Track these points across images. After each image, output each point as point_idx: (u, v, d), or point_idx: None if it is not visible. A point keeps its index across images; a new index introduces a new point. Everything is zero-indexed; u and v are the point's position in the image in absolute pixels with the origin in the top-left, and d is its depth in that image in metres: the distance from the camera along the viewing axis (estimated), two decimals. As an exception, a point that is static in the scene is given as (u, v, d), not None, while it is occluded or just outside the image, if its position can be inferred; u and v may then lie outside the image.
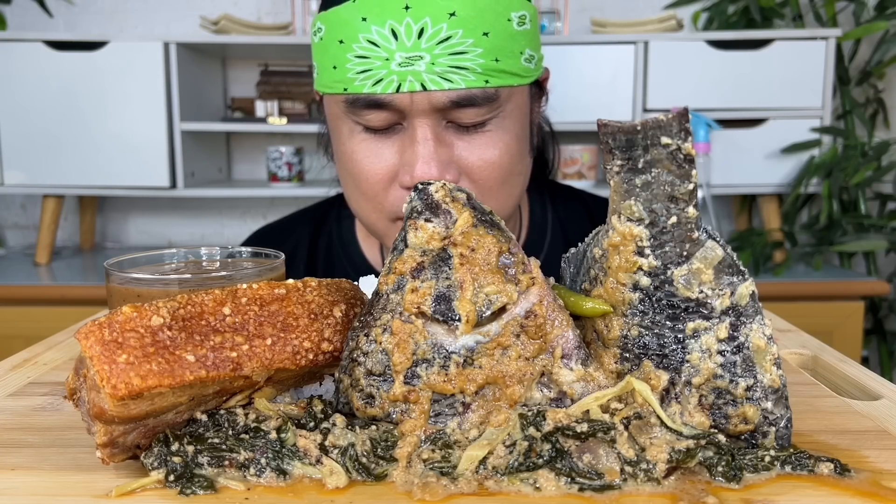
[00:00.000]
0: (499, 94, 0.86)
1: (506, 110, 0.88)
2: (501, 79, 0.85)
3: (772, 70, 2.34)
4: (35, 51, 2.28)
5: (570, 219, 1.13)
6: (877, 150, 2.42)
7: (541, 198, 1.13)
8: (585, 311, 0.52)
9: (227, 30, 2.41)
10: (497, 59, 0.84)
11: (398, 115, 0.86)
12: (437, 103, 0.84)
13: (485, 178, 0.88)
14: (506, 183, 0.90)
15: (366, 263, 1.08)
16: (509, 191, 0.92)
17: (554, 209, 1.13)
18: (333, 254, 1.11)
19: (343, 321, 0.54)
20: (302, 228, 1.14)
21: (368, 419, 0.51)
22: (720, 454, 0.48)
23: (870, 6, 2.56)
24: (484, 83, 0.84)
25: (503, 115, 0.88)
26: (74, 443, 0.54)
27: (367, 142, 0.89)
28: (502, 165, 0.89)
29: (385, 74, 0.83)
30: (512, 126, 0.90)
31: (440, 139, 0.86)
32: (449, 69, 0.82)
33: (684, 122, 0.49)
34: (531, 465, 0.47)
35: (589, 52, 2.34)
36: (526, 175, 0.97)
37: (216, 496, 0.45)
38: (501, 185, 0.90)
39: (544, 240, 1.10)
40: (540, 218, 1.11)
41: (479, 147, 0.87)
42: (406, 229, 0.52)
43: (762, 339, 0.50)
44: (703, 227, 0.51)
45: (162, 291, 0.62)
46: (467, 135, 0.87)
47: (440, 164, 0.85)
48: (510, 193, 0.93)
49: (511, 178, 0.91)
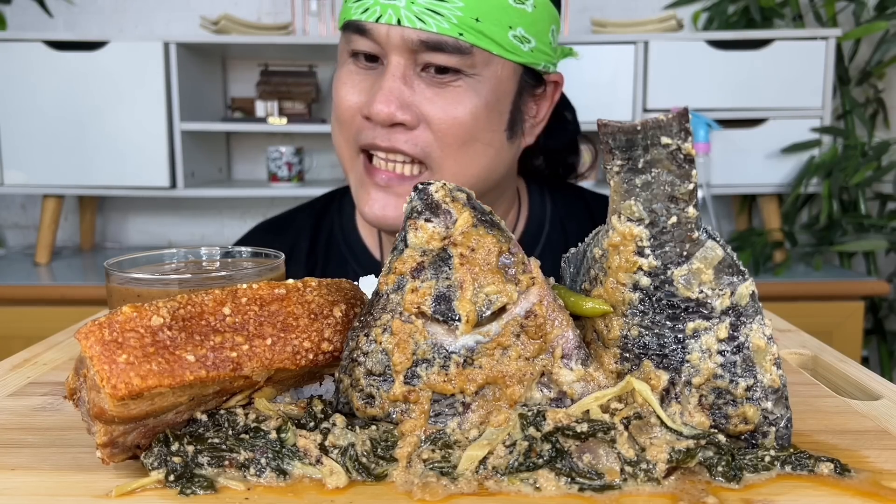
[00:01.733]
0: (472, 52, 0.89)
1: (482, 75, 0.91)
2: (477, 39, 0.89)
3: (772, 70, 2.34)
4: (35, 51, 2.28)
5: (569, 213, 1.14)
6: (877, 150, 2.42)
7: (540, 191, 1.15)
8: (585, 311, 0.52)
9: (227, 30, 2.41)
10: (477, 19, 0.88)
11: (377, 48, 0.91)
12: (407, 40, 0.89)
13: (444, 132, 0.91)
14: (466, 146, 0.93)
15: (366, 252, 1.10)
16: (471, 157, 0.94)
17: (553, 203, 1.14)
18: (334, 242, 1.13)
19: (343, 321, 0.54)
20: (303, 219, 1.17)
21: (368, 419, 0.51)
22: (720, 454, 0.48)
23: (870, 6, 2.56)
24: (457, 34, 0.88)
25: (478, 79, 0.91)
26: (74, 443, 0.54)
27: (352, 74, 0.95)
28: (464, 124, 0.91)
29: (371, 4, 0.89)
30: (484, 92, 0.92)
31: (408, 81, 0.91)
32: (426, 11, 0.87)
33: (684, 122, 0.49)
34: (531, 465, 0.47)
35: (589, 52, 2.34)
36: (498, 156, 0.97)
37: (216, 496, 0.45)
38: (461, 145, 0.92)
39: (542, 232, 1.11)
40: (539, 210, 1.12)
41: (445, 99, 0.91)
42: (406, 229, 0.52)
43: (762, 339, 0.50)
44: (703, 227, 0.51)
45: (162, 291, 0.62)
46: (437, 87, 0.91)
47: (400, 103, 0.89)
48: (473, 160, 0.94)
49: (473, 143, 0.93)
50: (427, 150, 0.92)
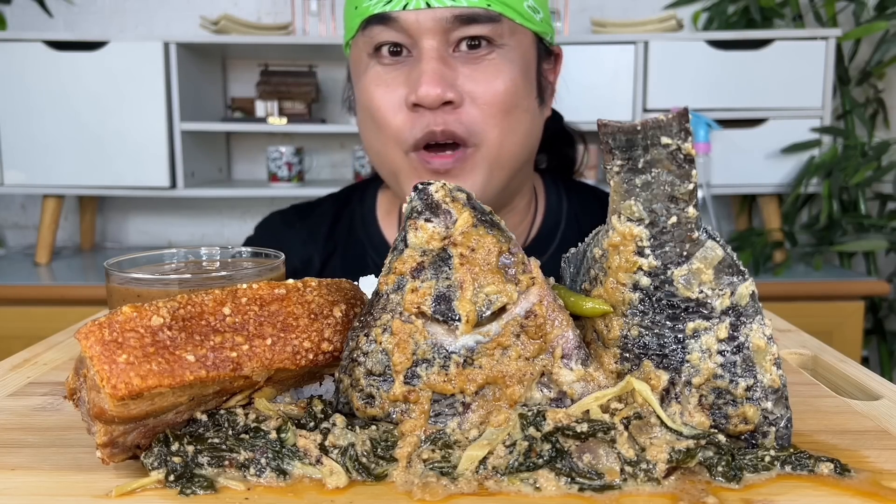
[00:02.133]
0: (501, 19, 0.91)
1: (509, 44, 0.93)
2: (502, 8, 0.91)
3: (772, 70, 2.34)
4: (35, 51, 2.28)
5: (584, 211, 1.15)
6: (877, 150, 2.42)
7: (556, 188, 1.16)
8: (585, 311, 0.52)
9: (227, 30, 2.41)
10: None
11: (406, 38, 0.91)
12: (440, 19, 0.89)
13: (489, 104, 0.92)
14: (509, 115, 0.93)
15: (384, 242, 1.11)
16: (513, 126, 0.95)
17: (569, 200, 1.15)
18: (354, 229, 1.14)
19: (343, 321, 0.54)
20: (327, 206, 1.18)
21: (368, 419, 0.51)
22: (720, 454, 0.48)
23: (870, 6, 2.56)
24: (486, 5, 0.89)
25: (507, 48, 0.93)
26: (74, 443, 0.54)
27: (380, 74, 0.94)
28: (507, 92, 0.92)
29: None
30: (517, 60, 0.94)
31: (445, 62, 0.91)
32: None
33: (684, 122, 0.49)
34: (531, 465, 0.47)
35: (589, 52, 2.34)
36: (533, 123, 0.99)
37: (216, 496, 0.45)
38: (505, 115, 0.93)
39: (558, 228, 1.12)
40: (556, 206, 1.14)
41: (484, 73, 0.92)
42: (406, 229, 0.52)
43: (762, 339, 0.50)
44: (703, 227, 0.51)
45: (162, 291, 0.62)
46: (472, 63, 0.92)
47: (444, 83, 0.89)
48: (516, 128, 0.95)
49: (515, 111, 0.94)
50: (472, 127, 0.92)
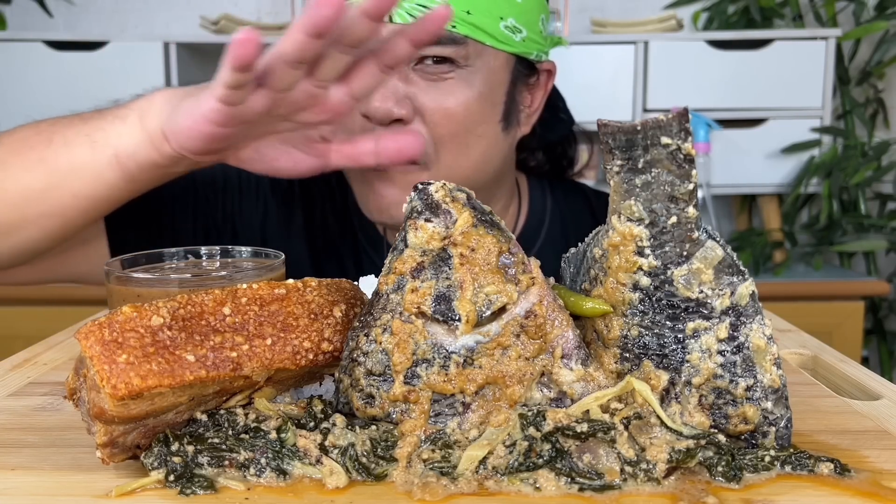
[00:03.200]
0: (466, 42, 0.88)
1: (474, 66, 0.91)
2: (469, 30, 0.88)
3: (772, 70, 2.34)
4: (35, 51, 2.28)
5: (570, 209, 1.14)
6: (877, 150, 2.42)
7: (541, 186, 1.15)
8: (585, 311, 0.52)
9: (227, 30, 2.41)
10: (468, 12, 0.87)
11: None
12: None
13: (436, 123, 0.90)
14: (460, 137, 0.92)
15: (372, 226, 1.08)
16: (465, 149, 0.93)
17: (554, 198, 1.14)
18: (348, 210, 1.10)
19: (343, 321, 0.54)
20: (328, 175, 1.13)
21: (368, 419, 0.51)
22: (720, 454, 0.48)
23: (870, 6, 2.56)
24: (450, 27, 0.87)
25: (470, 70, 0.91)
26: (74, 443, 0.54)
27: None
28: (456, 116, 0.90)
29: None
30: (477, 84, 0.91)
31: (403, 75, 0.89)
32: (416, 6, 0.86)
33: (684, 122, 0.49)
34: (531, 465, 0.47)
35: (589, 52, 2.34)
36: (492, 147, 0.97)
37: (216, 496, 0.45)
38: (454, 136, 0.91)
39: (542, 227, 1.11)
40: (539, 205, 1.13)
41: (438, 91, 0.90)
42: (406, 229, 0.52)
43: (762, 339, 0.50)
44: (703, 227, 0.51)
45: (162, 291, 0.62)
46: (431, 80, 0.90)
47: (395, 98, 0.88)
48: (467, 152, 0.93)
49: (468, 135, 0.92)
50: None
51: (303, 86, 0.73)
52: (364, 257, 1.08)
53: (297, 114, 0.76)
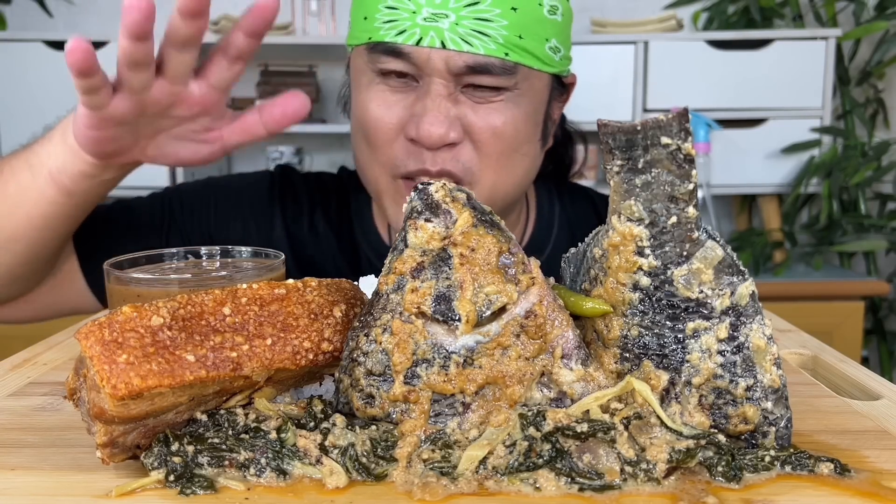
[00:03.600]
0: (517, 70, 0.88)
1: (521, 89, 0.90)
2: (521, 56, 0.87)
3: (772, 70, 2.34)
4: (35, 51, 2.28)
5: (576, 214, 1.14)
6: (877, 150, 2.42)
7: (548, 193, 1.15)
8: (585, 311, 0.52)
9: (227, 30, 2.41)
10: (521, 37, 0.86)
11: (415, 69, 0.88)
12: (453, 65, 0.86)
13: (485, 143, 0.90)
14: (507, 157, 0.91)
15: (377, 236, 1.08)
16: (510, 168, 0.93)
17: (561, 204, 1.14)
18: (345, 219, 1.11)
19: (343, 321, 0.54)
20: (330, 179, 1.15)
21: (368, 419, 0.51)
22: (720, 454, 0.48)
23: (870, 6, 2.56)
24: (504, 55, 0.86)
25: (518, 93, 0.90)
26: (74, 443, 0.54)
27: (383, 93, 0.91)
28: (505, 135, 0.90)
29: (409, 26, 0.85)
30: (525, 105, 0.91)
31: (453, 98, 0.88)
32: (472, 32, 0.84)
33: (684, 122, 0.49)
34: (531, 465, 0.47)
35: (589, 52, 2.34)
36: (533, 164, 0.98)
37: (216, 496, 0.45)
38: (501, 156, 0.91)
39: (551, 234, 1.11)
40: (547, 212, 1.13)
41: (488, 112, 0.89)
42: (406, 229, 0.52)
43: (762, 339, 0.50)
44: (703, 227, 0.51)
45: (162, 291, 0.62)
46: (479, 102, 0.89)
47: (447, 123, 0.87)
48: (511, 171, 0.93)
49: (514, 154, 0.92)
50: (468, 166, 0.90)
51: (160, 86, 0.75)
52: (366, 266, 1.07)
53: (169, 111, 0.78)
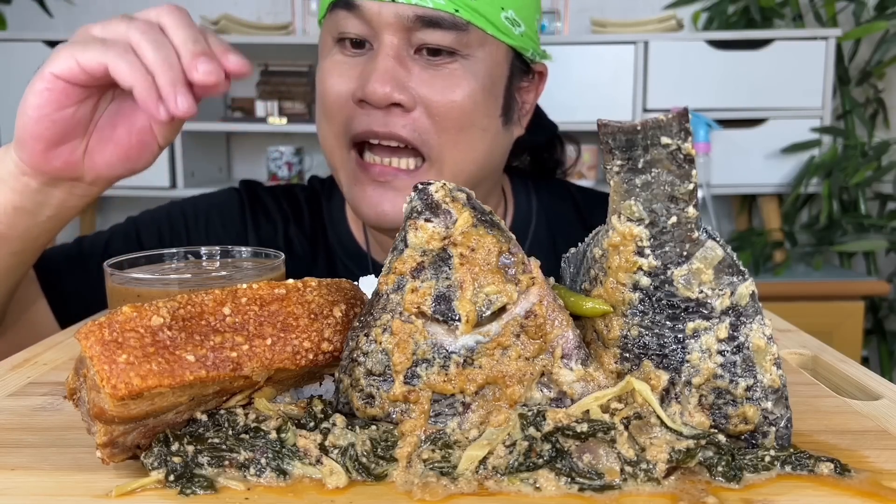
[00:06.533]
0: (468, 29, 0.87)
1: (476, 56, 0.89)
2: (472, 16, 0.87)
3: (772, 70, 2.34)
4: (35, 51, 2.28)
5: (554, 209, 1.14)
6: (877, 150, 2.42)
7: (525, 186, 1.14)
8: (585, 311, 0.52)
9: (227, 30, 2.41)
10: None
11: (368, 30, 0.88)
12: (402, 16, 0.85)
13: (442, 116, 0.89)
14: (464, 131, 0.90)
15: (353, 241, 1.08)
16: (469, 144, 0.91)
17: (539, 198, 1.14)
18: (319, 227, 1.10)
19: (343, 321, 0.54)
20: (300, 191, 1.15)
21: (368, 419, 0.51)
22: (720, 454, 0.48)
23: (870, 6, 2.56)
24: (453, 10, 0.86)
25: (473, 60, 0.89)
26: (74, 443, 0.54)
27: (339, 63, 0.91)
28: (463, 107, 0.89)
29: None
30: (481, 75, 0.90)
31: (402, 62, 0.87)
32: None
33: (684, 122, 0.49)
34: (531, 465, 0.47)
35: (589, 52, 2.34)
36: (494, 142, 0.96)
37: (216, 496, 0.45)
38: (459, 130, 0.90)
39: (529, 228, 1.11)
40: (525, 206, 1.12)
41: (442, 81, 0.88)
42: (406, 229, 0.52)
43: (762, 339, 0.50)
44: (703, 227, 0.51)
45: (162, 291, 0.62)
46: (432, 68, 0.88)
47: (396, 84, 0.86)
48: (470, 147, 0.92)
49: (471, 128, 0.91)
50: (424, 137, 0.89)
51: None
52: (342, 271, 1.07)
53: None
